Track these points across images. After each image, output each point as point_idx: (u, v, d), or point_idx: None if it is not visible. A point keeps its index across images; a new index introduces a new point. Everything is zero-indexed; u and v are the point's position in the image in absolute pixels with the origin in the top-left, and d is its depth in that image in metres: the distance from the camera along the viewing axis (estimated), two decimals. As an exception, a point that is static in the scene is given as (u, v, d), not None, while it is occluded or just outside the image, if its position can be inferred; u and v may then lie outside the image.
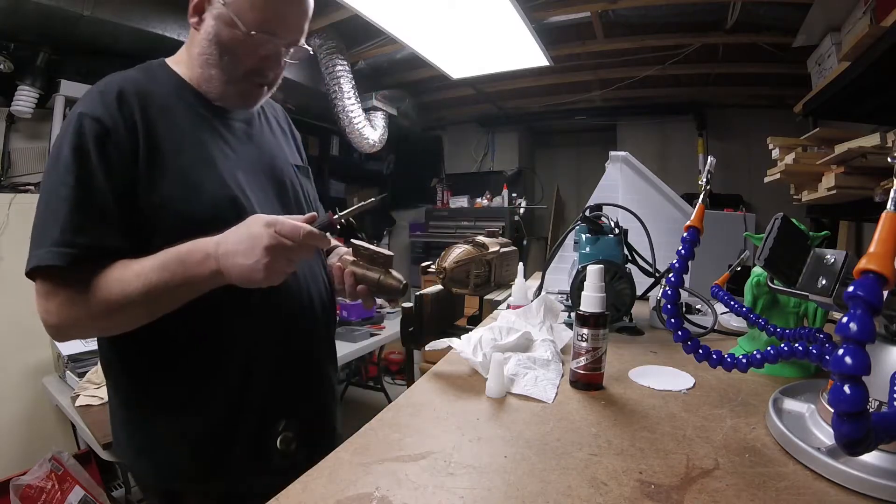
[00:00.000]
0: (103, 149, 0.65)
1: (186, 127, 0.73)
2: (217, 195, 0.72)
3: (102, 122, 0.65)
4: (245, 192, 0.75)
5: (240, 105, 0.80)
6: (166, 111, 0.71)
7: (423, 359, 2.42)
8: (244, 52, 0.73)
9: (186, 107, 0.75)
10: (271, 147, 0.86)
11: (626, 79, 3.12)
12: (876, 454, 0.42)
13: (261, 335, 0.75)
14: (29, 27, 1.91)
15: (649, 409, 0.59)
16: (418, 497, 0.40)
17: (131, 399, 0.75)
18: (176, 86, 0.76)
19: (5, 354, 1.90)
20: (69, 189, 0.63)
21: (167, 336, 0.69)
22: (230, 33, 0.71)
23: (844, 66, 1.68)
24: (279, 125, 0.94)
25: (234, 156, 0.77)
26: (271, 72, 0.77)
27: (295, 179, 0.88)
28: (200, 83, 0.76)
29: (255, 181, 0.79)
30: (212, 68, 0.74)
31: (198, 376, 0.72)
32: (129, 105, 0.68)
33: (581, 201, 3.97)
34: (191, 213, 0.69)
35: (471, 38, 2.33)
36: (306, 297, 0.82)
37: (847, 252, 0.53)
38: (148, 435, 0.74)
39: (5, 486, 1.72)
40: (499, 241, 1.17)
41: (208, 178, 0.72)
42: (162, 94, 0.72)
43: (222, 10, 0.70)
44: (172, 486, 0.75)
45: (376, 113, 3.26)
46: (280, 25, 0.73)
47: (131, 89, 0.69)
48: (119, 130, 0.66)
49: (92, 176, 0.64)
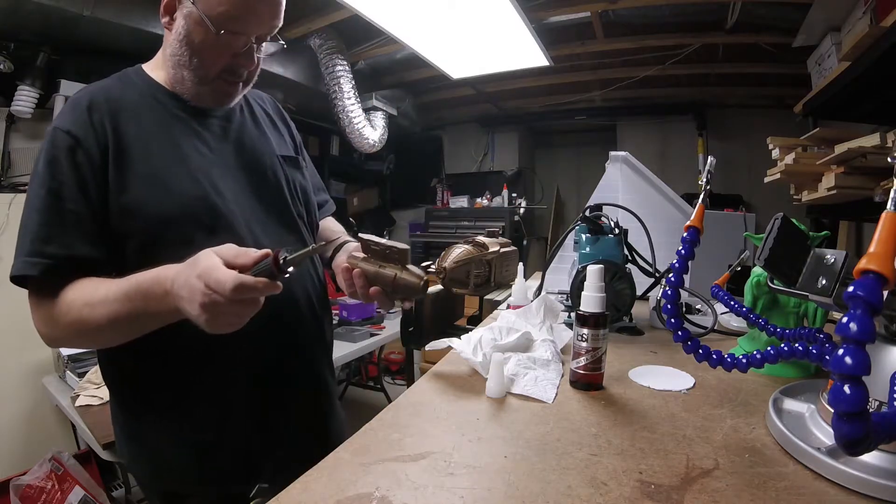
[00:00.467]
0: (74, 159, 0.66)
1: (158, 130, 0.73)
2: (187, 194, 0.70)
3: (72, 133, 0.66)
4: (218, 190, 0.74)
5: (215, 104, 0.79)
6: (137, 116, 0.71)
7: (423, 359, 2.43)
8: (215, 51, 0.71)
9: (161, 109, 0.74)
10: (253, 141, 0.84)
11: (626, 79, 3.11)
12: (876, 454, 0.42)
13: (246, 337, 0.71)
14: (29, 27, 1.91)
15: (649, 409, 0.59)
16: (418, 497, 0.40)
17: (126, 401, 0.76)
18: (150, 89, 0.75)
19: (5, 354, 1.90)
20: (40, 200, 0.64)
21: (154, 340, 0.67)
22: (200, 33, 0.69)
23: (844, 66, 1.67)
24: (267, 116, 0.91)
25: (210, 154, 0.76)
26: (244, 69, 0.75)
27: (280, 172, 0.85)
28: (174, 84, 0.75)
29: (230, 177, 0.77)
30: (183, 69, 0.73)
31: (186, 379, 0.72)
32: (98, 113, 0.68)
33: (581, 201, 3.98)
34: (162, 214, 0.68)
35: (471, 38, 2.33)
36: (293, 296, 0.80)
37: (847, 252, 0.53)
38: (144, 437, 0.74)
39: (5, 486, 1.72)
40: (499, 241, 1.16)
41: (178, 178, 0.71)
42: (133, 100, 0.72)
43: (192, 10, 0.69)
44: (171, 487, 0.75)
45: (376, 113, 3.26)
46: (250, 21, 0.70)
47: (101, 98, 0.70)
48: (89, 139, 0.67)
49: (62, 186, 0.65)
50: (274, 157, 0.85)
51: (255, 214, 0.77)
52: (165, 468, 0.74)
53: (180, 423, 0.73)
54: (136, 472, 0.78)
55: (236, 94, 0.78)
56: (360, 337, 2.38)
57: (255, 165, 0.82)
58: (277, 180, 0.84)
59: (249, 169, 0.80)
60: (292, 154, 0.91)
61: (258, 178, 0.81)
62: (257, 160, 0.82)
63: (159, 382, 0.72)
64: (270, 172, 0.83)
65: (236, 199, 0.76)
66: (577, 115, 3.81)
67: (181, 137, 0.74)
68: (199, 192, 0.72)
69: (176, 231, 0.68)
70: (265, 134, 0.87)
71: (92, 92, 0.71)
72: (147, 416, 0.74)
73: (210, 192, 0.72)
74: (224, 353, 0.72)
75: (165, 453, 0.73)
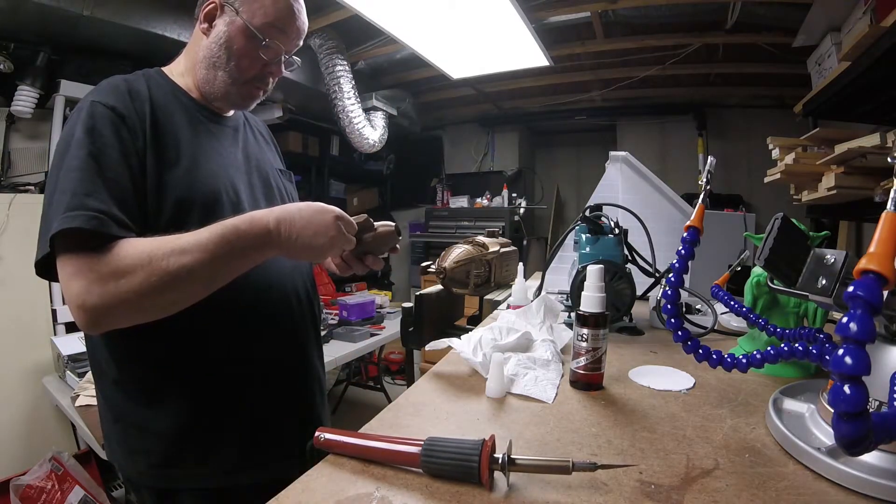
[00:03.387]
0: (118, 132, 0.67)
1: (185, 126, 0.77)
2: (212, 187, 0.75)
3: (117, 110, 0.68)
4: (236, 188, 0.79)
5: (238, 106, 0.85)
6: (167, 111, 0.75)
7: (423, 359, 2.42)
8: (252, 58, 0.78)
9: (183, 109, 0.78)
10: (256, 151, 0.91)
11: (626, 79, 3.11)
12: (876, 454, 0.42)
13: (241, 327, 0.77)
14: (29, 27, 1.91)
15: (649, 409, 0.59)
16: (418, 497, 0.40)
17: (117, 396, 0.75)
18: (173, 90, 0.80)
19: (5, 354, 1.90)
20: (80, 161, 0.62)
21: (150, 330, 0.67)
22: (241, 40, 0.77)
23: (844, 66, 1.67)
24: (262, 135, 0.99)
25: (226, 154, 0.82)
26: (272, 78, 0.83)
27: (279, 182, 0.93)
28: (202, 84, 0.80)
29: (245, 179, 0.83)
30: (219, 70, 0.78)
31: (180, 369, 0.73)
32: (139, 100, 0.71)
33: (581, 201, 3.98)
34: (189, 201, 0.71)
35: (471, 38, 2.33)
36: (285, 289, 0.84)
37: (847, 252, 0.53)
38: (136, 431, 0.74)
39: (5, 486, 1.72)
40: (499, 241, 1.17)
41: (205, 173, 0.75)
42: (162, 97, 0.76)
43: (236, 19, 0.76)
44: (165, 483, 0.75)
45: (376, 113, 3.26)
46: (284, 36, 0.79)
47: (137, 87, 0.73)
48: (133, 120, 0.69)
49: (104, 152, 0.64)
50: (273, 167, 0.93)
51: None
52: (163, 461, 0.73)
53: (178, 412, 0.73)
54: (130, 470, 0.76)
55: (257, 99, 0.85)
56: (360, 337, 2.37)
57: (259, 172, 0.88)
58: (276, 188, 0.91)
59: (255, 174, 0.87)
60: (283, 168, 0.99)
61: (262, 183, 0.88)
62: (261, 167, 0.89)
63: (154, 371, 0.73)
64: (271, 180, 0.90)
65: (248, 199, 0.81)
66: (577, 115, 3.81)
67: (203, 137, 0.79)
68: (223, 185, 0.77)
69: (197, 219, 0.69)
70: (262, 148, 0.95)
71: (128, 80, 0.74)
72: (143, 408, 0.73)
73: (230, 190, 0.78)
74: (220, 340, 0.75)
75: (164, 445, 0.73)
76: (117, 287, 0.58)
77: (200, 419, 0.74)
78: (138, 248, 0.60)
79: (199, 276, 0.62)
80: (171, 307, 0.63)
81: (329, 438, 0.48)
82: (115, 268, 0.58)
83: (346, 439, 0.47)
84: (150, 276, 0.59)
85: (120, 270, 0.58)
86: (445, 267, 0.94)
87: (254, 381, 0.78)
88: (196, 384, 0.74)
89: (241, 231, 0.64)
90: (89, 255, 0.59)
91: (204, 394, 0.74)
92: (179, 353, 0.73)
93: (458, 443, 0.43)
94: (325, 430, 0.49)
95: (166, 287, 0.60)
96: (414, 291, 1.04)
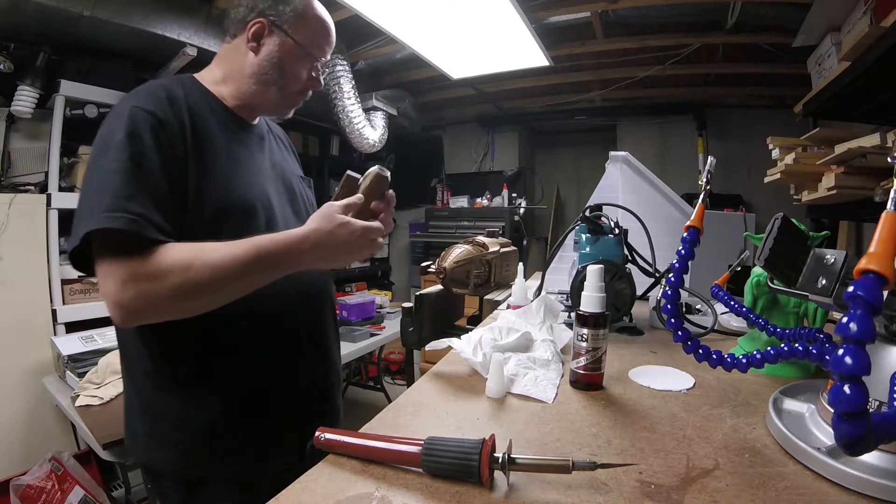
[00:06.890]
0: (157, 138, 0.68)
1: (220, 134, 0.79)
2: (247, 196, 0.78)
3: (156, 115, 0.69)
4: (267, 195, 0.82)
5: (282, 114, 0.90)
6: (203, 119, 0.77)
7: (423, 359, 2.43)
8: (300, 73, 0.84)
9: (216, 117, 0.80)
10: (280, 159, 0.94)
11: (626, 79, 3.11)
12: (876, 454, 0.42)
13: (271, 324, 0.80)
14: (29, 27, 1.91)
15: (649, 409, 0.59)
16: (418, 497, 0.40)
17: (148, 387, 0.76)
18: (207, 98, 0.81)
19: (5, 354, 1.90)
20: (122, 164, 0.64)
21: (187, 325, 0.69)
22: (293, 60, 0.83)
23: (844, 66, 1.67)
24: (283, 142, 1.02)
25: (256, 162, 0.85)
26: (314, 89, 0.89)
27: (301, 188, 0.96)
28: (251, 97, 0.83)
29: (273, 186, 0.86)
30: (270, 86, 0.83)
31: (213, 363, 0.75)
32: (177, 107, 0.73)
33: (581, 201, 3.98)
34: (224, 208, 0.73)
35: (471, 38, 2.33)
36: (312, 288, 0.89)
37: (847, 252, 0.53)
38: (167, 422, 0.75)
39: (5, 486, 1.72)
40: (499, 241, 1.17)
41: (239, 180, 0.78)
42: (198, 104, 0.78)
43: (287, 40, 0.81)
44: (193, 473, 0.76)
45: (376, 113, 3.26)
46: (323, 52, 0.87)
47: (176, 94, 0.75)
48: (172, 124, 0.70)
49: (145, 157, 0.66)
50: (295, 175, 0.97)
51: (288, 221, 0.85)
52: (191, 450, 0.75)
53: (209, 401, 0.75)
54: (157, 462, 0.77)
55: (297, 107, 0.90)
56: (360, 337, 2.38)
57: (284, 179, 0.91)
58: (300, 193, 0.94)
59: (281, 181, 0.90)
60: (303, 175, 1.02)
61: (287, 190, 0.91)
62: (285, 175, 0.92)
63: (186, 361, 0.75)
64: (294, 187, 0.94)
65: (277, 204, 0.85)
66: (577, 115, 3.80)
67: (234, 145, 0.81)
68: (256, 193, 0.80)
69: (232, 226, 0.71)
70: (284, 156, 0.98)
71: (166, 86, 0.75)
72: (173, 397, 0.75)
73: (262, 197, 0.81)
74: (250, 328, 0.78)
75: (193, 434, 0.74)
76: (152, 288, 0.62)
77: (232, 411, 0.76)
78: (176, 255, 0.63)
79: (231, 288, 0.66)
80: (201, 310, 0.67)
81: (329, 438, 0.48)
82: (153, 270, 0.62)
83: (346, 439, 0.47)
84: (185, 282, 0.62)
85: (157, 273, 0.62)
86: (445, 267, 0.94)
87: (283, 374, 0.82)
88: (229, 377, 0.76)
89: (274, 255, 0.67)
90: (128, 255, 0.62)
91: (236, 386, 0.76)
92: (213, 347, 0.75)
93: (458, 442, 0.43)
94: (325, 430, 0.49)
95: (200, 293, 0.64)
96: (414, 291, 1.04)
